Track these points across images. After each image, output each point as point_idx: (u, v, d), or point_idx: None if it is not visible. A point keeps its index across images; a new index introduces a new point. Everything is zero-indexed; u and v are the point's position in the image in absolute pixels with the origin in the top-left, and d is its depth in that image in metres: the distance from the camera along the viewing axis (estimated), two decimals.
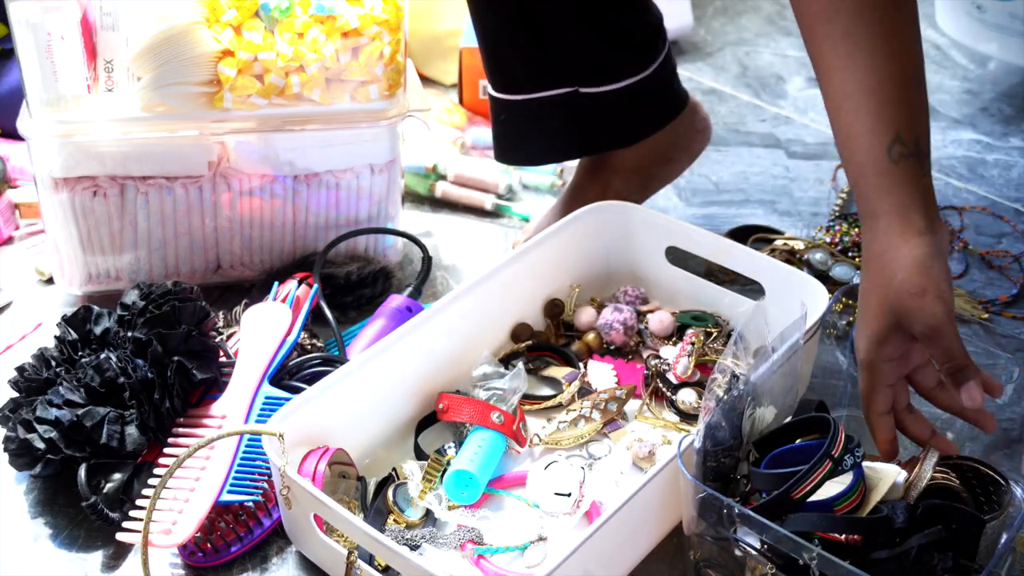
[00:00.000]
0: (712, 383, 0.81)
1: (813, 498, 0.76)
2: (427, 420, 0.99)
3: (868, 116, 0.79)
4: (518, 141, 1.19)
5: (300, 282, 1.08)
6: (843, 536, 0.76)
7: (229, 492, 0.87)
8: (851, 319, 1.13)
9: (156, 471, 0.88)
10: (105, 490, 0.89)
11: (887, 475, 0.82)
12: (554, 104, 1.13)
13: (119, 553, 0.88)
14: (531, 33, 1.10)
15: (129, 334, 0.93)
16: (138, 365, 0.92)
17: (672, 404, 1.01)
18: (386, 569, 0.83)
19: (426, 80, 1.58)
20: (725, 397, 0.80)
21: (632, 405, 1.02)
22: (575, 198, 1.20)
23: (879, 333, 0.81)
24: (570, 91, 1.12)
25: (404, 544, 0.86)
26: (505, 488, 0.93)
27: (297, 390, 0.95)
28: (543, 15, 1.08)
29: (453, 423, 0.97)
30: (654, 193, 1.25)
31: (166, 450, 0.90)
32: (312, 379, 0.94)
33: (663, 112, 1.18)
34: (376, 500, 0.89)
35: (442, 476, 0.92)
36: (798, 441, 0.83)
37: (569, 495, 0.88)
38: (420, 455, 0.95)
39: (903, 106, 0.78)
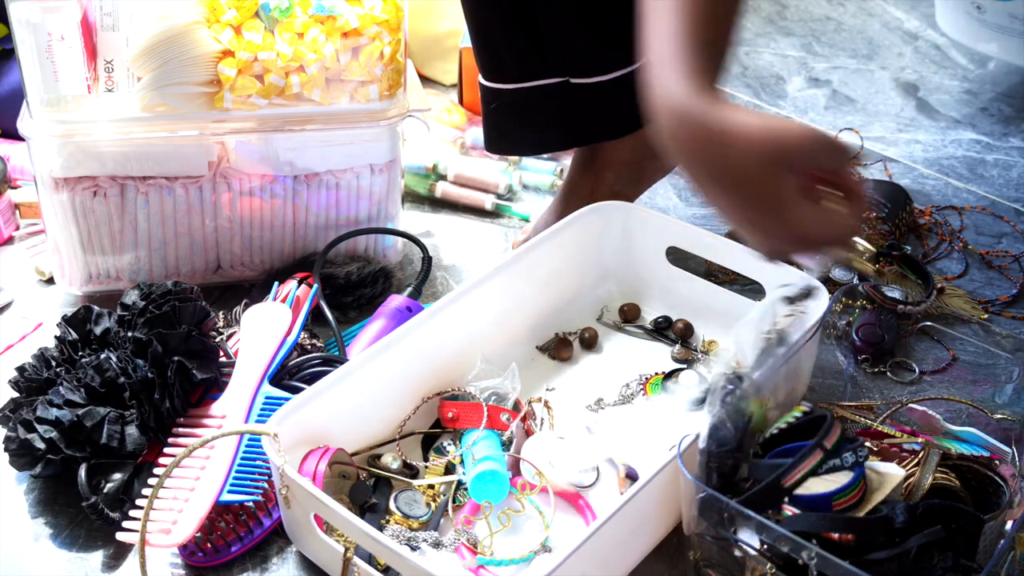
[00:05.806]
0: (714, 383, 0.81)
1: (812, 491, 0.76)
2: (433, 426, 0.98)
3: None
4: (507, 130, 1.19)
5: (300, 282, 1.08)
6: (836, 536, 0.76)
7: (229, 492, 0.87)
8: (851, 319, 1.12)
9: (156, 471, 0.88)
10: (105, 490, 0.89)
11: (891, 477, 0.82)
12: (544, 94, 1.13)
13: (119, 553, 0.88)
14: (522, 22, 1.09)
15: (129, 334, 0.93)
16: (138, 365, 0.91)
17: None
18: (386, 569, 0.83)
19: (426, 80, 1.58)
20: (728, 397, 0.80)
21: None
22: (569, 194, 1.20)
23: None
24: (560, 81, 1.12)
25: (404, 544, 0.85)
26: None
27: (297, 390, 0.95)
28: (534, 4, 1.08)
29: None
30: (648, 187, 1.25)
31: (166, 450, 0.90)
32: (312, 379, 0.93)
33: None
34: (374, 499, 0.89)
35: (444, 473, 0.92)
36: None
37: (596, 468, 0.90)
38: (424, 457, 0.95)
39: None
